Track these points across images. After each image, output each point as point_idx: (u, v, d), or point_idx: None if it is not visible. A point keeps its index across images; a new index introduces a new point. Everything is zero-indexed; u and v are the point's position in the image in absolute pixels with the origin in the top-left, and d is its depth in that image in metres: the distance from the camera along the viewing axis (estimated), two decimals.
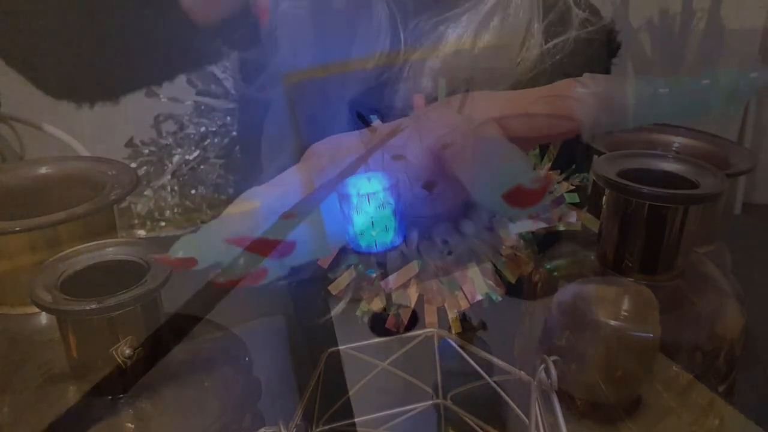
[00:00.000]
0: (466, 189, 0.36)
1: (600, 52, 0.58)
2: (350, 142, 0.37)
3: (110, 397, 0.37)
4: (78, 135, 0.92)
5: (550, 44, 0.54)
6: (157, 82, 0.60)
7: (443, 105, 0.36)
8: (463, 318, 0.41)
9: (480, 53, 0.52)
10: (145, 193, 1.01)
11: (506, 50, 0.53)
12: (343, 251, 0.38)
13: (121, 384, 0.37)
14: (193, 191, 1.05)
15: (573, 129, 0.33)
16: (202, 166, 1.04)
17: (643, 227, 0.41)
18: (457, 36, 0.53)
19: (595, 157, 0.46)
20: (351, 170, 0.34)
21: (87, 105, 0.53)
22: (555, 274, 0.44)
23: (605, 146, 0.54)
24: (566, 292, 0.41)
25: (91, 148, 0.90)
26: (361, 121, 0.37)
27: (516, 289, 0.57)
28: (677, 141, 0.55)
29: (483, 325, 0.41)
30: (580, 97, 0.33)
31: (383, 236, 0.38)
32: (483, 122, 0.34)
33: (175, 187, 1.05)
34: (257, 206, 0.34)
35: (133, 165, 1.04)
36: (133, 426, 0.36)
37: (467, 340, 0.41)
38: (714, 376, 0.42)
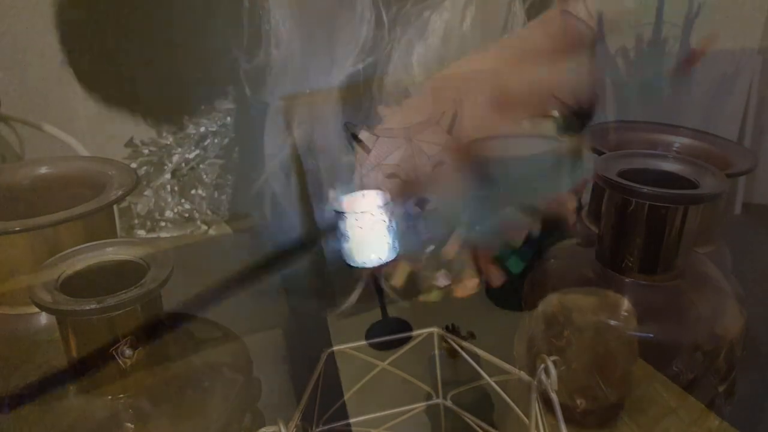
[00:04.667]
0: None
1: None
2: None
3: (110, 397, 0.37)
4: (78, 135, 0.92)
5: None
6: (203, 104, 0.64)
7: (434, 125, 0.37)
8: (452, 328, 0.41)
9: (466, 35, 0.53)
10: (145, 193, 1.01)
11: (490, 31, 0.53)
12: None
13: (121, 384, 0.37)
14: (193, 191, 1.05)
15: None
16: (202, 166, 1.04)
17: (643, 227, 0.41)
18: (442, 22, 0.53)
19: (596, 157, 0.46)
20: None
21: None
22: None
23: (606, 146, 0.54)
24: (548, 302, 0.41)
25: (91, 148, 0.90)
26: (353, 138, 0.38)
27: (506, 300, 0.58)
28: (677, 141, 0.55)
29: (471, 335, 0.41)
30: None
31: (378, 251, 0.39)
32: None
33: (175, 187, 1.05)
34: None
35: (133, 165, 1.03)
36: (132, 426, 0.36)
37: (455, 350, 0.41)
38: (714, 376, 0.42)
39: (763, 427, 0.46)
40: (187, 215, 1.03)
